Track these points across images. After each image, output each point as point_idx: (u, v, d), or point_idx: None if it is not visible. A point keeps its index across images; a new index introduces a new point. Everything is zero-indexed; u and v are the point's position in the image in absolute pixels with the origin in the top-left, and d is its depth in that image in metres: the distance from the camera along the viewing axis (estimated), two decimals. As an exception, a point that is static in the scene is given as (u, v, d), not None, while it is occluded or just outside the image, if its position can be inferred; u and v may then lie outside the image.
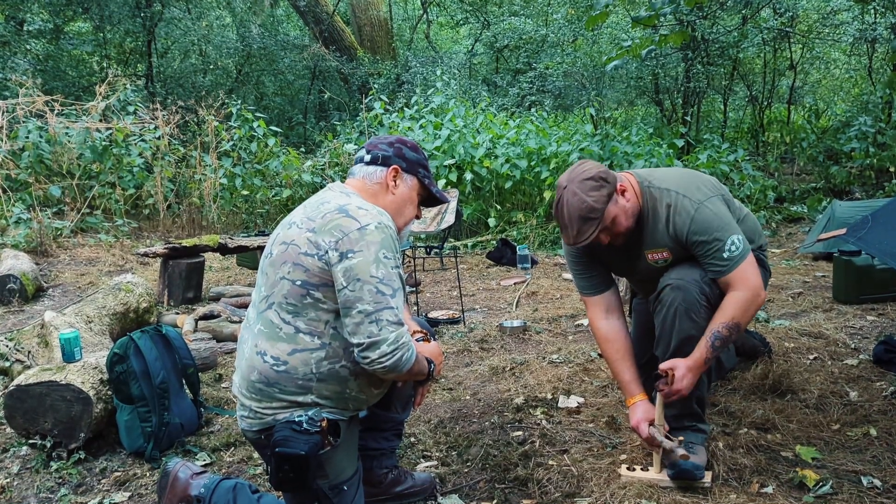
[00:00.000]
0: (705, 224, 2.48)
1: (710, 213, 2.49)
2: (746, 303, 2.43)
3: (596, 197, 2.46)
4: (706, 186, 2.60)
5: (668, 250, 2.59)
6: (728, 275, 2.45)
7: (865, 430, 2.77)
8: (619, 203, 2.53)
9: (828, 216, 6.53)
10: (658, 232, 2.59)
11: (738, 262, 2.44)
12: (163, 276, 5.29)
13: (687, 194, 2.55)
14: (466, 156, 8.36)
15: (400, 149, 2.28)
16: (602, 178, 2.49)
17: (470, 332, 4.54)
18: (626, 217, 2.55)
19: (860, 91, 13.01)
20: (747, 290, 2.43)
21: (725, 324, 2.43)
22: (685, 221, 2.51)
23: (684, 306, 2.49)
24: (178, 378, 3.24)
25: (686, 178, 2.65)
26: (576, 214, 2.46)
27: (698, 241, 2.49)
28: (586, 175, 2.50)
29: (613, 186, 2.52)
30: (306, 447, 1.99)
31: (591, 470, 2.63)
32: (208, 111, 8.64)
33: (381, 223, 2.04)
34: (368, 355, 1.98)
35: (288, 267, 2.06)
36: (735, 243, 2.45)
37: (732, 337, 2.45)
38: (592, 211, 2.45)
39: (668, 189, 2.59)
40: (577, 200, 2.46)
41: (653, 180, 2.65)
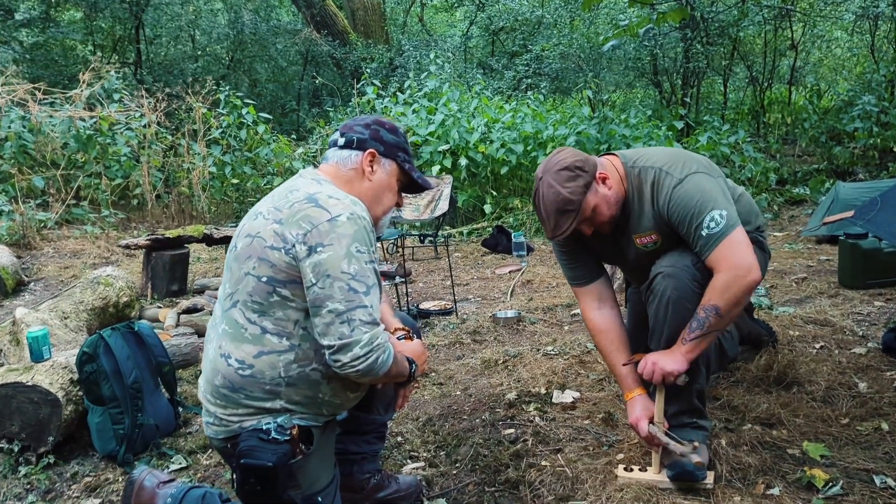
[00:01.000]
0: (685, 199, 2.31)
1: (692, 187, 2.32)
2: (724, 285, 2.21)
3: (572, 188, 2.31)
4: (694, 163, 2.42)
5: (656, 232, 2.44)
6: (710, 254, 2.25)
7: (876, 425, 2.62)
8: (600, 192, 2.38)
9: (831, 198, 6.37)
10: (644, 213, 2.44)
11: (718, 239, 2.23)
12: (146, 268, 5.13)
13: (670, 171, 2.38)
14: (461, 141, 8.17)
15: (377, 131, 2.10)
16: (578, 167, 2.34)
17: (462, 324, 4.38)
18: (607, 206, 2.40)
19: (862, 69, 12.78)
20: (727, 270, 2.21)
21: (703, 306, 2.25)
22: (665, 198, 2.35)
23: (676, 294, 2.33)
24: (153, 377, 3.09)
25: (673, 155, 2.48)
26: (552, 207, 2.33)
27: (679, 219, 2.32)
28: (561, 165, 2.35)
29: (592, 175, 2.36)
30: (274, 457, 1.83)
31: (587, 471, 2.48)
32: (196, 98, 8.43)
33: (353, 213, 1.87)
34: (340, 358, 1.81)
35: (253, 262, 1.89)
36: (715, 219, 2.24)
37: (714, 321, 2.23)
38: (569, 203, 2.31)
39: (651, 167, 2.43)
40: (552, 193, 2.32)
41: (638, 159, 2.48)
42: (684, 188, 2.33)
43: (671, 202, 2.34)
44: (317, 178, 2.03)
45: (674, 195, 2.34)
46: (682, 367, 2.30)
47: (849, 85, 12.78)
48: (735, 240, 2.23)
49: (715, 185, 2.35)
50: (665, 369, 2.30)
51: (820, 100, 12.33)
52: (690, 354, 2.30)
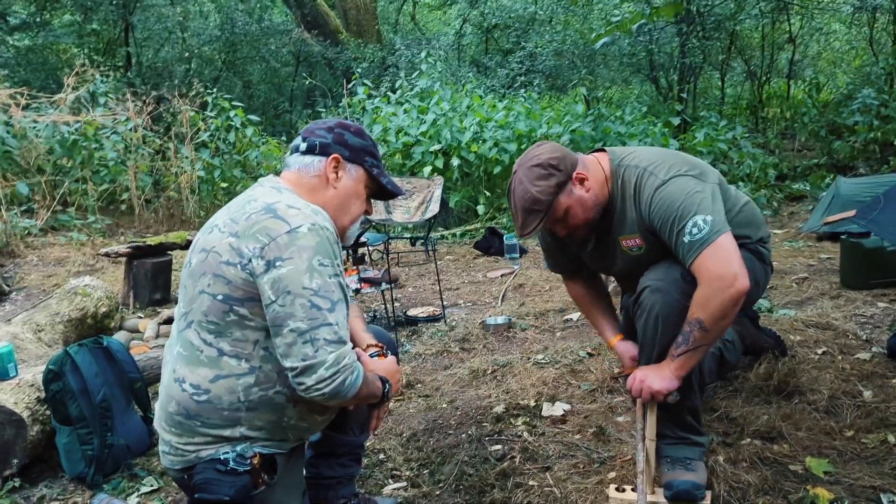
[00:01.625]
0: (667, 202, 2.16)
1: (675, 189, 2.16)
2: (706, 297, 2.06)
3: (542, 187, 2.18)
4: (685, 165, 2.26)
5: (639, 236, 2.29)
6: (693, 263, 2.09)
7: (883, 437, 2.47)
8: (575, 194, 2.24)
9: (832, 194, 6.22)
10: (627, 216, 2.30)
11: (701, 246, 2.07)
12: (127, 276, 4.99)
13: (655, 171, 2.24)
14: (453, 141, 8.03)
15: (341, 134, 1.96)
16: (552, 165, 2.21)
17: (451, 331, 4.24)
18: (582, 209, 2.26)
19: (861, 63, 12.62)
20: (708, 281, 2.05)
21: (688, 321, 2.10)
22: (647, 201, 2.21)
23: (665, 311, 2.19)
24: (124, 394, 2.95)
25: (663, 155, 2.33)
26: (520, 205, 2.22)
27: (660, 223, 2.17)
28: (535, 161, 2.22)
29: (567, 175, 2.22)
30: (231, 490, 1.70)
31: (576, 491, 2.34)
32: (182, 100, 8.29)
33: (315, 224, 1.73)
34: (304, 381, 1.67)
35: (208, 279, 1.75)
36: (698, 225, 2.08)
37: (699, 336, 2.08)
38: (536, 203, 2.19)
39: (636, 166, 2.29)
40: (521, 190, 2.21)
41: (625, 158, 2.34)
42: (667, 190, 2.18)
43: (652, 205, 2.20)
44: (277, 187, 1.89)
45: (655, 198, 2.19)
46: (671, 386, 2.16)
47: (848, 78, 12.63)
48: (720, 247, 2.06)
49: (702, 188, 2.18)
50: (653, 388, 2.17)
51: (819, 93, 12.17)
52: (680, 371, 2.16)
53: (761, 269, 2.46)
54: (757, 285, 2.44)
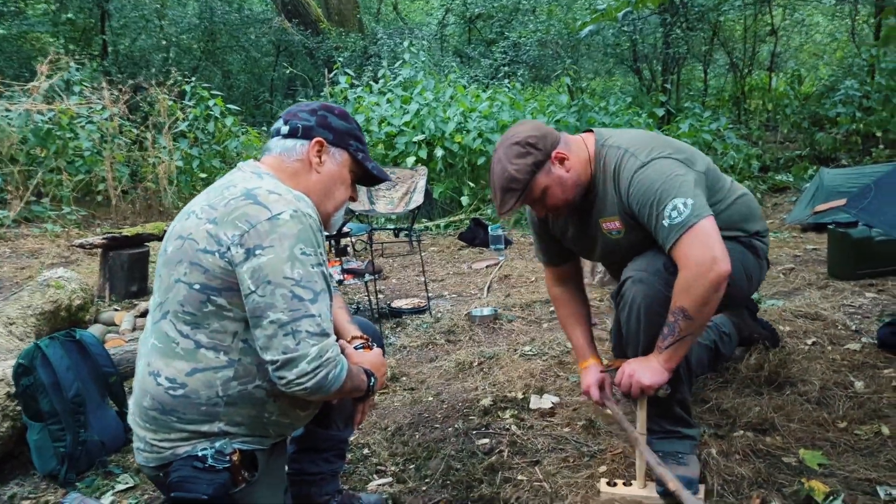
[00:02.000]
0: (646, 184, 2.09)
1: (654, 172, 2.10)
2: (686, 284, 1.99)
3: (519, 166, 2.13)
4: (668, 148, 2.19)
5: (619, 219, 2.23)
6: (672, 248, 2.02)
7: (876, 428, 2.44)
8: (554, 173, 2.18)
9: (816, 184, 6.22)
10: (608, 198, 2.23)
11: (679, 230, 2.00)
12: (103, 268, 4.86)
13: (636, 153, 2.17)
14: (437, 131, 7.94)
15: (324, 117, 1.87)
16: (531, 143, 2.15)
17: (436, 323, 4.16)
18: (561, 189, 2.20)
19: (843, 55, 12.68)
20: (687, 267, 1.98)
21: (672, 310, 2.03)
22: (626, 183, 2.15)
23: (647, 302, 2.13)
24: (98, 389, 2.85)
25: (647, 138, 2.27)
26: (498, 183, 2.17)
27: (639, 206, 2.11)
28: (515, 139, 2.18)
29: (546, 154, 2.17)
30: (210, 489, 1.61)
31: (567, 485, 2.28)
32: (160, 89, 8.11)
33: (297, 211, 1.64)
34: (285, 375, 1.59)
35: (184, 267, 1.66)
36: (678, 208, 2.01)
37: (684, 325, 2.01)
38: (513, 181, 2.14)
39: (618, 147, 2.23)
40: (500, 168, 2.17)
41: (609, 139, 2.28)
42: (646, 173, 2.11)
43: (631, 188, 2.13)
44: (257, 172, 1.80)
45: (634, 180, 2.13)
46: (661, 379, 2.10)
47: (830, 70, 12.68)
48: (700, 231, 1.99)
49: (684, 172, 2.11)
50: (643, 383, 2.10)
51: (801, 85, 12.21)
52: (669, 363, 2.09)
53: (755, 262, 2.39)
54: (750, 280, 2.38)
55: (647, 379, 2.10)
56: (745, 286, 2.38)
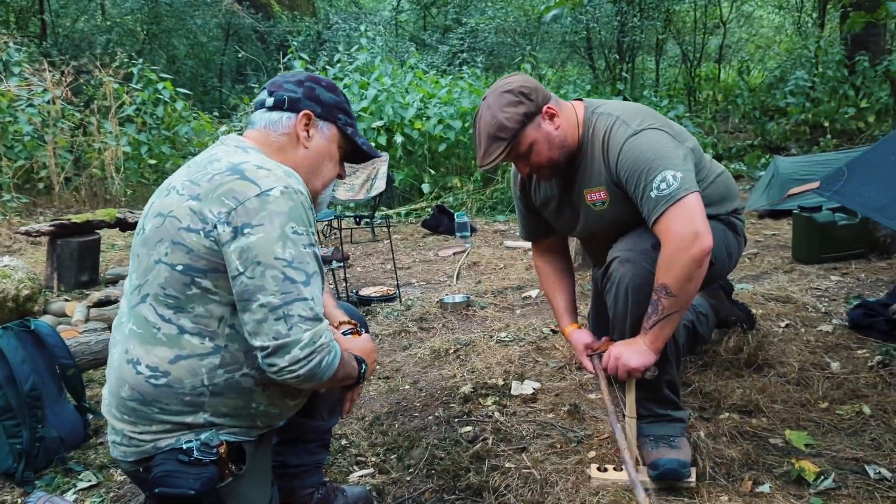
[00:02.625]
0: (635, 153, 2.05)
1: (646, 141, 2.06)
2: (668, 260, 1.96)
3: (509, 114, 2.07)
4: (659, 121, 2.16)
5: (604, 189, 2.18)
6: (657, 221, 1.98)
7: (858, 408, 2.46)
8: (543, 128, 2.13)
9: (771, 172, 6.33)
10: (595, 166, 2.18)
11: (667, 202, 1.96)
12: (50, 257, 4.61)
13: (628, 121, 2.13)
14: (396, 117, 7.82)
15: (312, 89, 1.76)
16: (523, 93, 2.10)
17: (407, 311, 4.07)
18: (548, 146, 2.14)
19: (788, 47, 13.00)
20: (669, 241, 1.95)
21: (655, 288, 2.00)
22: (615, 150, 2.10)
23: (635, 282, 2.08)
24: (56, 382, 2.68)
25: (638, 109, 2.23)
26: (485, 131, 2.10)
27: (627, 175, 2.07)
28: (507, 87, 2.12)
29: (537, 106, 2.11)
30: (197, 483, 1.49)
31: (556, 472, 2.23)
32: (105, 71, 7.75)
33: (288, 187, 1.53)
34: (276, 362, 1.48)
35: (165, 247, 1.54)
36: (667, 180, 1.97)
37: (667, 303, 1.98)
38: (502, 129, 2.07)
39: (610, 114, 2.18)
40: (488, 115, 2.09)
41: (600, 107, 2.24)
42: (637, 141, 2.07)
43: (621, 155, 2.08)
44: (242, 146, 1.68)
45: (625, 147, 2.08)
46: (648, 361, 2.06)
47: (777, 61, 12.98)
48: (686, 206, 1.96)
49: (675, 146, 2.09)
50: (630, 365, 2.07)
51: (749, 75, 12.47)
52: (656, 343, 2.06)
53: (734, 239, 2.39)
54: (730, 256, 2.38)
55: (633, 361, 2.06)
56: (726, 263, 2.38)
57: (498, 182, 7.83)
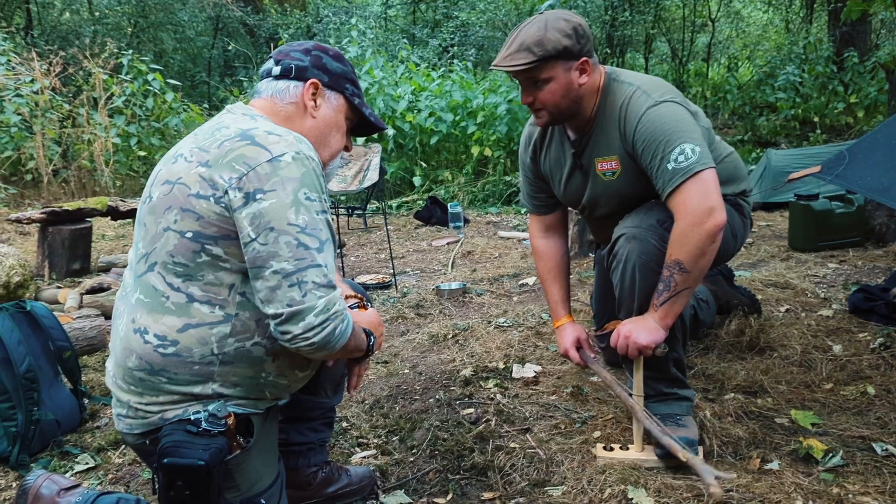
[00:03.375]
0: (655, 124, 2.03)
1: (667, 112, 2.04)
2: (682, 234, 1.94)
3: (554, 38, 2.03)
4: (679, 96, 2.14)
5: (617, 158, 2.16)
6: (671, 194, 1.97)
7: (862, 389, 2.46)
8: (570, 75, 2.09)
9: (763, 165, 6.36)
10: (610, 133, 2.16)
11: (683, 175, 1.95)
12: (41, 245, 4.54)
13: (648, 91, 2.10)
14: (387, 110, 7.78)
15: (319, 57, 1.73)
16: (577, 31, 2.06)
17: (403, 297, 4.05)
18: (563, 91, 2.11)
19: (776, 44, 13.08)
20: (684, 216, 1.94)
21: (667, 264, 1.99)
22: (633, 120, 2.08)
23: (642, 259, 2.06)
24: (52, 365, 2.63)
25: (659, 81, 2.21)
26: (521, 38, 2.06)
27: (644, 145, 2.04)
28: (567, 17, 2.08)
29: (579, 52, 2.08)
30: (206, 454, 1.46)
31: (561, 451, 2.21)
32: (94, 62, 7.65)
33: (300, 153, 1.50)
34: (290, 330, 1.45)
35: (174, 214, 1.50)
36: (686, 153, 1.95)
37: (680, 279, 1.96)
38: (538, 44, 2.03)
39: (630, 83, 2.15)
40: (535, 27, 2.06)
41: (620, 75, 2.21)
42: (658, 112, 2.05)
43: (640, 125, 2.06)
44: (249, 114, 1.65)
45: (644, 117, 2.05)
46: (658, 338, 2.05)
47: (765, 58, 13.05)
48: (702, 180, 1.95)
49: (694, 121, 2.08)
50: (639, 342, 2.04)
51: (738, 72, 12.53)
52: (666, 320, 2.04)
53: (740, 221, 2.39)
54: (735, 238, 2.37)
55: (643, 339, 2.05)
56: (731, 245, 2.37)
57: (489, 175, 7.81)
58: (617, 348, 2.12)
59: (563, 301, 2.48)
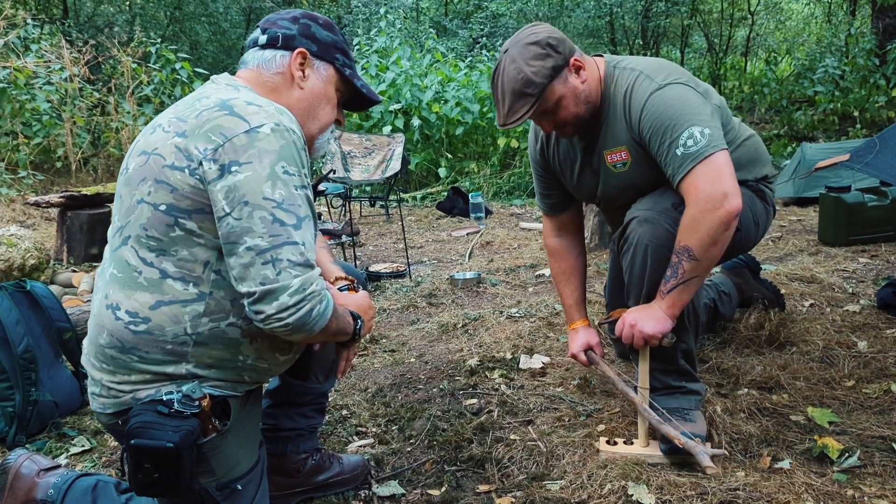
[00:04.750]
0: (660, 108, 1.93)
1: (672, 95, 1.94)
2: (693, 221, 1.84)
3: (537, 68, 1.94)
4: (685, 76, 2.03)
5: (626, 148, 2.06)
6: (683, 179, 1.86)
7: (886, 387, 2.32)
8: (570, 82, 2.01)
9: (798, 158, 6.15)
10: (617, 124, 2.06)
11: (694, 160, 1.84)
12: (60, 229, 4.58)
13: (652, 76, 2.00)
14: (414, 100, 7.71)
15: (307, 26, 1.66)
16: (551, 45, 1.96)
17: (416, 287, 3.98)
18: (575, 101, 2.02)
19: (818, 37, 12.71)
20: (695, 202, 1.84)
21: (676, 250, 1.88)
22: (638, 106, 1.98)
23: (655, 243, 1.96)
24: (52, 345, 2.62)
25: (662, 63, 2.10)
26: (509, 87, 1.96)
27: (651, 131, 1.94)
28: (532, 39, 1.98)
29: (565, 60, 1.98)
30: (176, 436, 1.40)
31: (563, 444, 2.12)
32: (123, 50, 7.72)
33: (279, 124, 1.43)
34: (262, 309, 1.38)
35: (148, 186, 1.45)
36: (695, 136, 1.85)
37: (689, 267, 1.86)
38: (529, 84, 1.94)
39: (633, 69, 2.05)
40: (513, 69, 1.95)
41: (621, 61, 2.11)
42: (663, 96, 1.94)
43: (645, 110, 1.96)
44: (233, 84, 1.59)
45: (649, 102, 1.95)
46: (664, 328, 1.94)
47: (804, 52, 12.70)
48: (714, 164, 1.84)
49: (702, 102, 1.96)
50: (645, 332, 1.94)
51: (777, 66, 12.20)
52: (673, 309, 1.94)
53: (762, 208, 2.26)
54: (757, 225, 2.26)
55: (649, 328, 1.95)
56: (753, 232, 2.25)
57: (515, 167, 7.70)
58: (622, 338, 2.03)
59: (578, 304, 2.41)
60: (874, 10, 9.58)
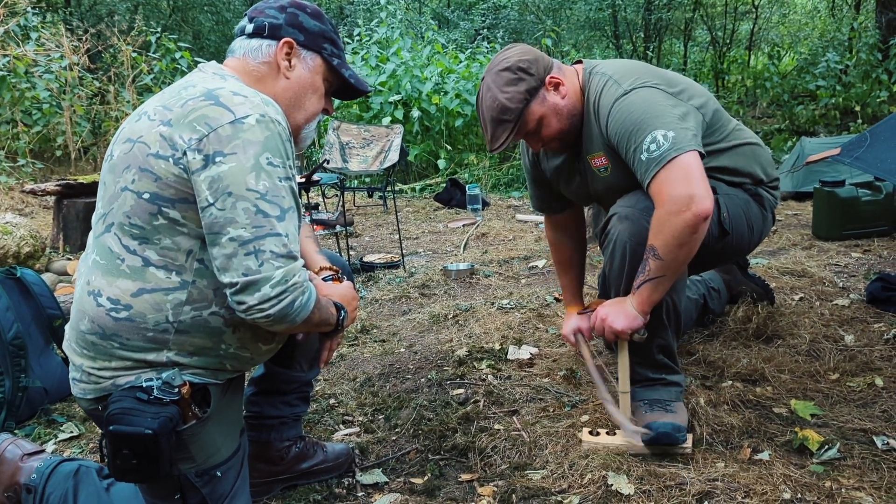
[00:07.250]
0: (624, 114, 1.93)
1: (636, 100, 1.94)
2: (659, 223, 1.84)
3: (511, 94, 1.97)
4: (658, 78, 2.02)
5: (603, 154, 2.08)
6: (650, 184, 1.86)
7: (870, 380, 2.33)
8: (549, 101, 2.03)
9: (797, 153, 6.14)
10: (592, 129, 2.08)
11: (657, 164, 1.83)
12: (56, 217, 4.59)
13: (620, 81, 2.00)
14: (413, 91, 7.71)
15: (295, 15, 1.66)
16: (522, 69, 1.98)
17: (410, 277, 4.00)
18: (557, 118, 2.04)
19: (821, 31, 12.65)
20: (661, 205, 1.84)
21: (646, 248, 1.89)
22: (605, 114, 2.00)
23: (633, 240, 1.97)
24: (42, 332, 2.64)
25: (636, 66, 2.10)
26: (488, 115, 2.01)
27: (618, 137, 1.96)
28: (504, 65, 2.01)
29: (539, 80, 2.00)
30: (155, 423, 1.41)
31: (546, 435, 2.14)
32: (123, 39, 7.71)
33: (264, 115, 1.44)
34: (244, 300, 1.40)
35: (132, 174, 1.46)
36: (657, 141, 1.84)
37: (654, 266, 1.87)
38: (505, 111, 1.97)
39: (603, 74, 2.06)
40: (489, 98, 2.00)
41: (596, 66, 2.12)
42: (626, 101, 1.95)
43: (610, 117, 1.98)
44: (220, 73, 1.60)
45: (613, 110, 1.97)
46: (634, 324, 1.96)
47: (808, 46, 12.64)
48: (679, 166, 1.82)
49: (673, 103, 1.95)
50: (615, 327, 1.97)
51: (780, 60, 12.15)
52: (643, 306, 1.95)
53: (758, 213, 2.24)
54: (751, 230, 2.23)
55: (619, 323, 1.97)
56: (746, 236, 2.23)
57: (514, 159, 7.70)
58: (595, 330, 2.06)
59: (575, 291, 2.51)
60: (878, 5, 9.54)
